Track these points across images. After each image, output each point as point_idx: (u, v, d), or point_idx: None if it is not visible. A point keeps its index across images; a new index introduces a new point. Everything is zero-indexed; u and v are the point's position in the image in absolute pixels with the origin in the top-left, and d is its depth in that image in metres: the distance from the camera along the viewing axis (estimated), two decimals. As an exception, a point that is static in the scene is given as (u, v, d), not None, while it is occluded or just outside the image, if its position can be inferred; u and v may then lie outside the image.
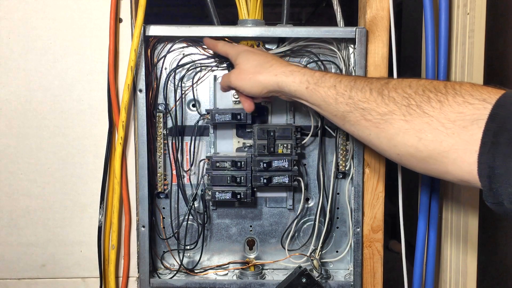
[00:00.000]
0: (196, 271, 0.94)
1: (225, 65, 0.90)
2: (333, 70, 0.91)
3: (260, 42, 0.90)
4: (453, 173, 0.57)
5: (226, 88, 0.84)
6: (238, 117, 0.88)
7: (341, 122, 0.69)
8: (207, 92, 0.92)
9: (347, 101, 0.66)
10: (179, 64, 0.90)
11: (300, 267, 0.89)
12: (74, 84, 0.87)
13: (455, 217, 0.90)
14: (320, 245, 0.92)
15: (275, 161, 0.88)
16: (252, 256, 0.96)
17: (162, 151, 0.91)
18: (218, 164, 0.88)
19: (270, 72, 0.74)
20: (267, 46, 0.91)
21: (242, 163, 0.88)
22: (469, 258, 0.88)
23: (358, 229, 0.90)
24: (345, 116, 0.66)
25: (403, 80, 0.63)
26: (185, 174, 0.93)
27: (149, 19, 0.84)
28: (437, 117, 0.57)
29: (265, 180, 0.88)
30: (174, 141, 0.91)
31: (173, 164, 0.92)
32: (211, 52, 0.90)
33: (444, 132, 0.56)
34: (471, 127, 0.54)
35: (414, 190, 0.95)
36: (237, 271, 0.95)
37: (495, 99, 0.54)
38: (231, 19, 0.95)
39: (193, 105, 0.93)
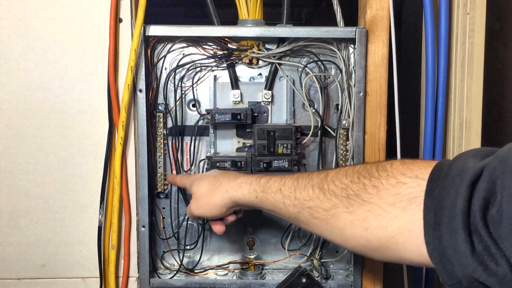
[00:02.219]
0: (196, 271, 0.94)
1: (225, 65, 0.91)
2: (333, 71, 0.91)
3: (260, 42, 0.90)
4: (407, 258, 0.55)
5: (194, 218, 0.86)
6: (238, 117, 0.88)
7: (296, 223, 0.68)
8: (207, 92, 0.92)
9: (294, 203, 0.65)
10: (179, 64, 0.90)
11: (300, 267, 0.89)
12: (74, 84, 0.87)
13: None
14: (320, 245, 0.92)
15: (275, 161, 0.88)
16: (252, 256, 0.96)
17: (162, 151, 0.91)
18: (218, 164, 0.88)
19: (221, 190, 0.75)
20: (267, 46, 0.91)
21: (242, 163, 0.88)
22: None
23: (358, 229, 0.90)
24: (296, 217, 0.66)
25: (340, 169, 0.63)
26: (185, 174, 0.93)
27: (149, 19, 0.84)
28: (377, 202, 0.56)
29: (265, 180, 0.87)
30: (174, 141, 0.91)
31: (173, 164, 0.92)
32: (211, 52, 0.90)
33: (386, 217, 0.54)
34: (411, 206, 0.53)
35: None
36: (237, 271, 0.95)
37: (427, 174, 0.52)
38: (231, 19, 0.95)
39: (193, 105, 0.93)
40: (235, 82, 0.91)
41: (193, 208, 0.79)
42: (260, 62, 0.92)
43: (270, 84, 0.92)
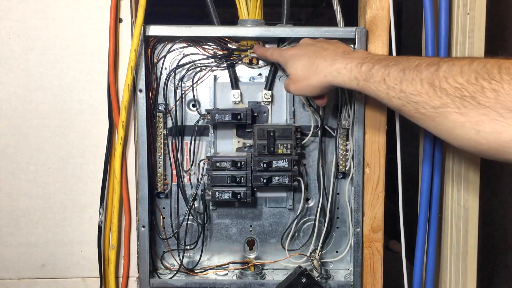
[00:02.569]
0: (196, 271, 0.94)
1: (225, 65, 0.91)
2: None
3: (260, 42, 0.90)
4: None
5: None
6: (238, 117, 0.88)
7: (399, 112, 0.67)
8: (207, 92, 0.92)
9: (399, 95, 0.62)
10: (179, 64, 0.90)
11: (300, 267, 0.89)
12: (74, 84, 0.87)
13: (455, 217, 0.90)
14: (320, 245, 0.92)
15: (275, 161, 0.88)
16: (252, 256, 0.96)
17: (162, 151, 0.91)
18: (218, 164, 0.88)
19: (319, 74, 0.73)
20: (267, 46, 0.91)
21: (242, 163, 0.88)
22: (469, 258, 0.88)
23: (358, 229, 0.90)
24: (399, 109, 0.64)
25: (454, 64, 0.58)
26: (185, 174, 0.93)
27: (149, 19, 0.84)
28: (494, 107, 0.53)
29: (265, 180, 0.88)
30: (174, 141, 0.91)
31: (173, 164, 0.92)
32: (211, 52, 0.90)
33: (503, 122, 0.53)
34: None
35: (414, 190, 0.95)
36: (237, 271, 0.95)
37: None
38: (231, 19, 0.95)
39: (193, 105, 0.93)
40: (235, 82, 0.91)
41: (292, 89, 0.79)
42: (260, 62, 0.92)
43: (270, 84, 0.92)
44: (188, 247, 0.94)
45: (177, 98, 0.91)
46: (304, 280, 0.87)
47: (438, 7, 0.84)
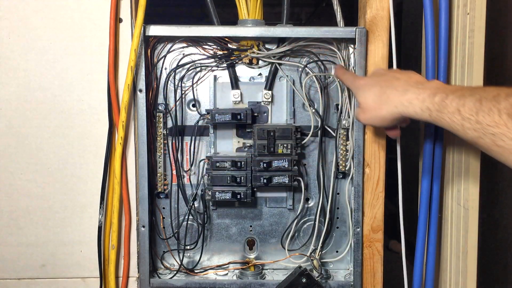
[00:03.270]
0: (196, 271, 0.94)
1: (225, 65, 0.91)
2: (333, 71, 0.91)
3: (260, 42, 0.90)
4: None
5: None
6: (238, 117, 0.88)
7: (475, 145, 0.63)
8: (207, 92, 0.92)
9: (475, 127, 0.59)
10: (179, 64, 0.90)
11: (300, 267, 0.89)
12: (74, 84, 0.87)
13: (456, 217, 0.90)
14: (320, 245, 0.92)
15: (275, 161, 0.88)
16: (252, 256, 0.96)
17: (162, 151, 0.91)
18: (218, 164, 0.88)
19: (389, 104, 0.71)
20: (267, 46, 0.91)
21: (242, 163, 0.88)
22: (469, 258, 0.88)
23: (358, 229, 0.90)
24: (475, 142, 0.61)
25: None
26: (185, 174, 0.93)
27: (149, 19, 0.84)
28: None
29: (265, 180, 0.88)
30: (174, 141, 0.91)
31: (173, 164, 0.92)
32: (211, 52, 0.90)
33: None
34: None
35: (414, 190, 0.95)
36: (237, 271, 0.95)
37: None
38: (231, 19, 0.95)
39: (193, 105, 0.93)
40: (235, 82, 0.92)
41: (362, 119, 0.77)
42: (260, 62, 0.92)
43: (270, 84, 0.92)
44: (188, 247, 0.94)
45: (177, 98, 0.91)
46: (304, 280, 0.87)
47: (438, 7, 0.84)
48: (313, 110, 0.91)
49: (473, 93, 0.61)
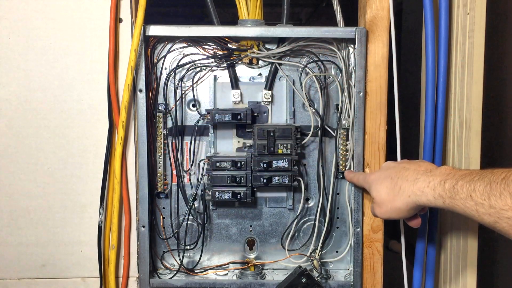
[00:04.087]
0: (196, 271, 0.94)
1: (225, 65, 0.91)
2: (333, 70, 0.91)
3: (260, 42, 0.90)
4: None
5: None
6: (238, 117, 0.88)
7: (494, 230, 0.62)
8: (207, 92, 0.92)
9: (489, 211, 0.59)
10: (179, 64, 0.90)
11: (300, 267, 0.89)
12: (74, 84, 0.87)
13: (455, 217, 0.90)
14: (320, 245, 0.92)
15: (275, 161, 0.88)
16: (252, 256, 0.96)
17: (162, 151, 0.91)
18: (218, 164, 0.88)
19: (403, 195, 0.71)
20: (267, 46, 0.91)
21: (242, 163, 0.88)
22: (469, 258, 0.88)
23: (358, 229, 0.90)
24: (493, 226, 0.60)
25: None
26: (185, 174, 0.93)
27: (149, 19, 0.84)
28: None
29: (265, 180, 0.88)
30: (174, 141, 0.91)
31: (173, 164, 0.92)
32: (211, 52, 0.90)
33: None
34: None
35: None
36: (237, 271, 0.95)
37: None
38: (231, 19, 0.95)
39: (193, 105, 0.93)
40: (235, 82, 0.92)
41: (378, 213, 0.77)
42: (260, 62, 0.92)
43: (270, 84, 0.92)
44: (188, 247, 0.94)
45: (177, 98, 0.91)
46: (304, 280, 0.87)
47: (438, 7, 0.84)
48: (313, 110, 0.91)
49: (482, 177, 0.61)
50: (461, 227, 0.89)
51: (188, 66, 0.90)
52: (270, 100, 0.92)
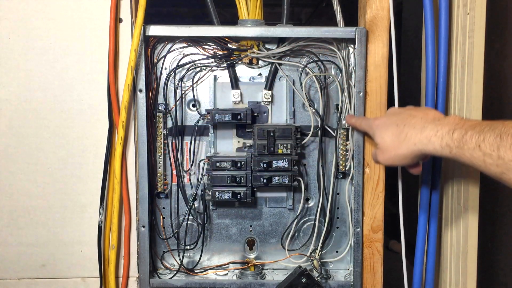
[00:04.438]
0: (196, 271, 0.94)
1: (225, 65, 0.91)
2: (333, 70, 0.91)
3: (260, 42, 0.90)
4: None
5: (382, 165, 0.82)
6: (238, 117, 0.88)
7: (499, 181, 0.62)
8: (207, 92, 0.92)
9: (497, 162, 0.59)
10: (179, 64, 0.90)
11: (300, 267, 0.89)
12: (74, 84, 0.87)
13: (455, 216, 0.90)
14: (320, 245, 0.92)
15: (275, 161, 0.88)
16: (252, 256, 0.96)
17: (162, 151, 0.91)
18: (218, 164, 0.88)
19: (408, 143, 0.70)
20: (267, 46, 0.91)
21: (242, 163, 0.88)
22: (469, 258, 0.88)
23: (358, 229, 0.90)
24: (499, 177, 0.60)
25: None
26: (185, 174, 0.93)
27: (149, 19, 0.84)
28: None
29: (265, 180, 0.88)
30: (174, 141, 0.91)
31: (173, 164, 0.92)
32: (211, 52, 0.90)
33: None
34: None
35: (414, 190, 0.95)
36: (237, 271, 0.95)
37: None
38: (231, 19, 0.95)
39: (193, 105, 0.93)
40: (235, 82, 0.92)
41: (381, 159, 0.76)
42: (260, 62, 0.92)
43: (270, 84, 0.92)
44: (188, 247, 0.94)
45: (177, 98, 0.91)
46: (304, 280, 0.87)
47: (438, 7, 0.84)
48: (313, 110, 0.91)
49: (492, 128, 0.60)
50: (461, 228, 0.89)
51: (188, 66, 0.90)
52: (270, 100, 0.92)
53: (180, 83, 0.91)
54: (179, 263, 0.93)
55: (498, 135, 0.59)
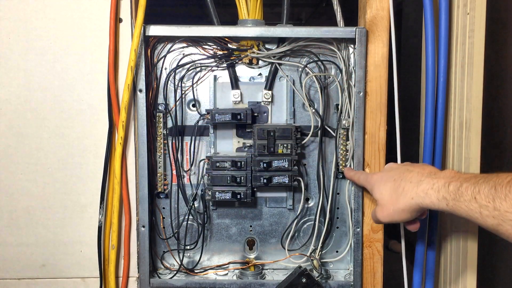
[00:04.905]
0: (196, 271, 0.94)
1: (225, 65, 0.91)
2: (333, 70, 0.91)
3: (260, 42, 0.90)
4: None
5: (380, 223, 0.81)
6: (238, 117, 0.88)
7: (496, 233, 0.62)
8: (207, 92, 0.92)
9: (493, 214, 0.59)
10: (179, 64, 0.90)
11: (300, 267, 0.89)
12: (74, 84, 0.87)
13: (455, 217, 0.90)
14: (320, 245, 0.92)
15: (275, 161, 0.88)
16: (252, 256, 0.96)
17: (162, 151, 0.91)
18: (218, 164, 0.88)
19: (406, 197, 0.71)
20: (267, 46, 0.91)
21: (242, 163, 0.88)
22: (469, 258, 0.88)
23: (358, 229, 0.90)
24: (495, 229, 0.60)
25: None
26: (185, 174, 0.93)
27: (149, 19, 0.84)
28: None
29: (265, 180, 0.88)
30: (174, 141, 0.91)
31: (173, 164, 0.92)
32: (211, 52, 0.90)
33: None
34: None
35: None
36: (237, 271, 0.95)
37: None
38: (231, 19, 0.95)
39: (193, 105, 0.93)
40: (235, 82, 0.92)
41: (380, 217, 0.76)
42: (260, 62, 0.92)
43: (270, 84, 0.92)
44: (188, 247, 0.94)
45: (177, 98, 0.91)
46: (304, 280, 0.87)
47: (438, 7, 0.85)
48: (313, 110, 0.91)
49: (487, 180, 0.61)
50: (461, 230, 0.89)
51: (188, 66, 0.90)
52: (270, 100, 0.92)
53: (180, 83, 0.91)
54: (179, 263, 0.93)
55: (493, 187, 0.60)
